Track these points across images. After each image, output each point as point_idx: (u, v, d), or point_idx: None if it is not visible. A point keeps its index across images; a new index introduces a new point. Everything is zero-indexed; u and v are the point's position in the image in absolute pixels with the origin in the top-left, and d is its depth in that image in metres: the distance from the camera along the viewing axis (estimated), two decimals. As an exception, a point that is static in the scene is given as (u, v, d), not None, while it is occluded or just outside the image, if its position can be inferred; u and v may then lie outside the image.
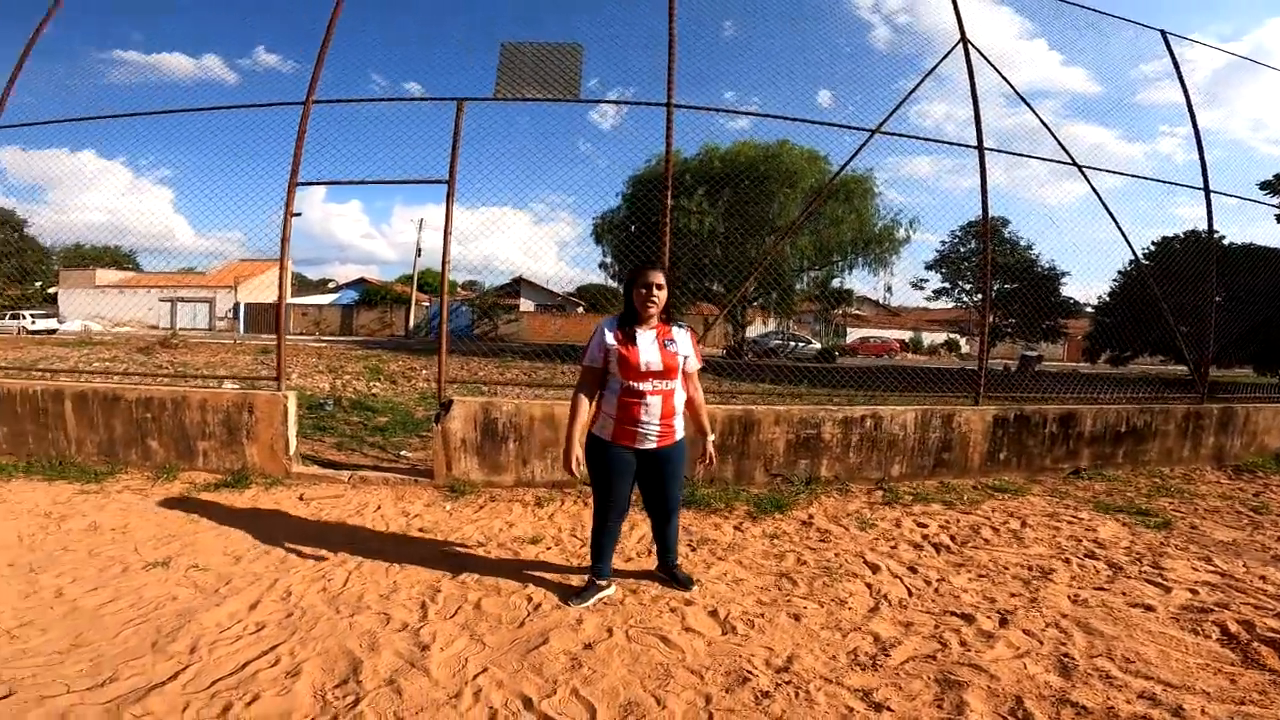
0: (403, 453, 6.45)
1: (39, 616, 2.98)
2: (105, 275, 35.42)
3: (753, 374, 9.33)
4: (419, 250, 39.66)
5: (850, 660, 2.77)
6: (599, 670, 2.60)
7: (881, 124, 6.09)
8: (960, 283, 27.42)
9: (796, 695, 2.47)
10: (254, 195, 6.37)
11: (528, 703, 2.37)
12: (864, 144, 6.07)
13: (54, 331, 26.94)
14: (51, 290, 34.48)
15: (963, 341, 37.61)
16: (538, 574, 3.59)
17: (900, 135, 6.33)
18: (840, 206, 19.94)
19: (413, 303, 38.74)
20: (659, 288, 3.03)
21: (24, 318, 28.21)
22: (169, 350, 17.00)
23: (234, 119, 6.01)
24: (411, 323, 37.57)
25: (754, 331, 26.18)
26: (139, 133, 6.35)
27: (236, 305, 35.48)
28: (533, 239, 6.13)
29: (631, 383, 3.02)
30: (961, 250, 25.90)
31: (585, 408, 3.09)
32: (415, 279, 39.82)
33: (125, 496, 4.83)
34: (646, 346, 3.05)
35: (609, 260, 21.92)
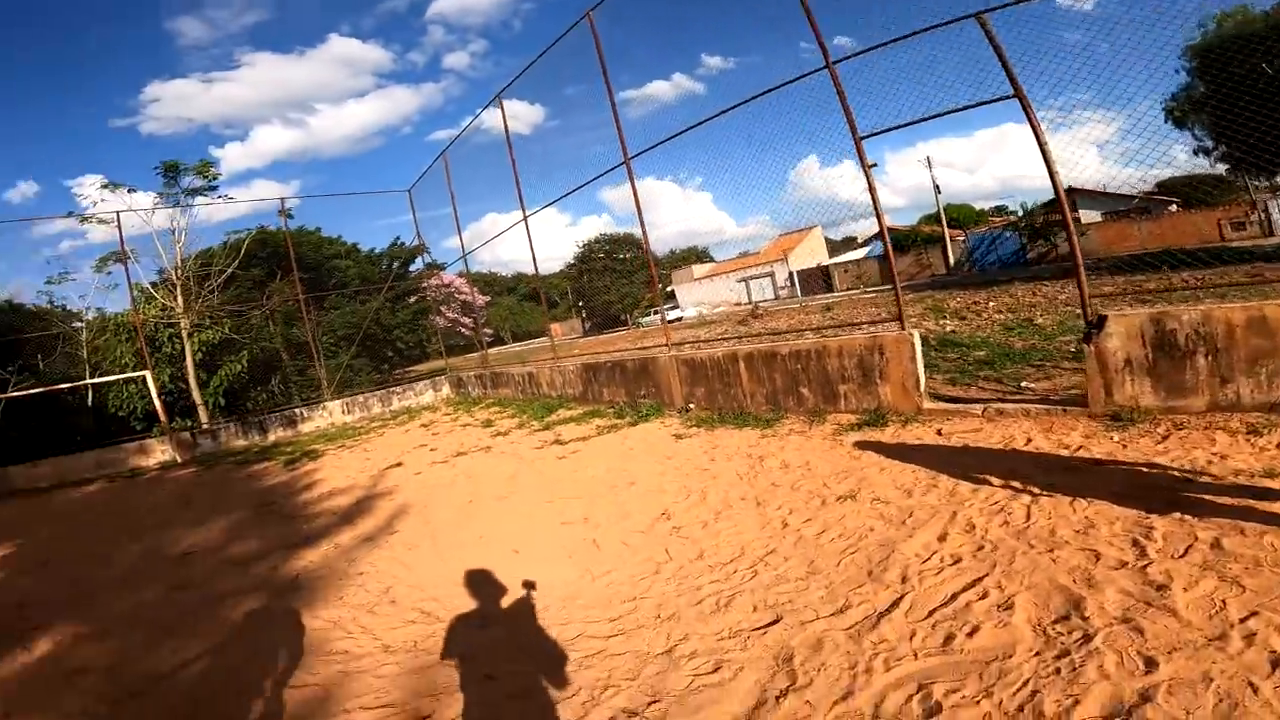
0: (1023, 384, 6.03)
1: (778, 545, 3.74)
2: (698, 270, 46.02)
3: None
4: (937, 188, 37.70)
5: None
6: None
7: None
8: None
9: None
10: (766, 181, 7.22)
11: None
12: None
13: (681, 319, 36.15)
14: (670, 289, 46.81)
15: None
16: (1294, 513, 2.77)
17: None
18: None
19: (946, 239, 36.87)
20: None
21: (661, 311, 39.29)
22: (758, 319, 20.62)
23: (730, 118, 6.99)
24: (951, 259, 35.74)
25: None
26: (673, 153, 8.08)
27: (790, 274, 40.68)
28: (1059, 147, 4.96)
29: None
30: None
31: None
32: (943, 215, 37.86)
33: (793, 438, 5.91)
34: None
35: (1209, 144, 16.22)
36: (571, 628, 3.23)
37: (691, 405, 7.77)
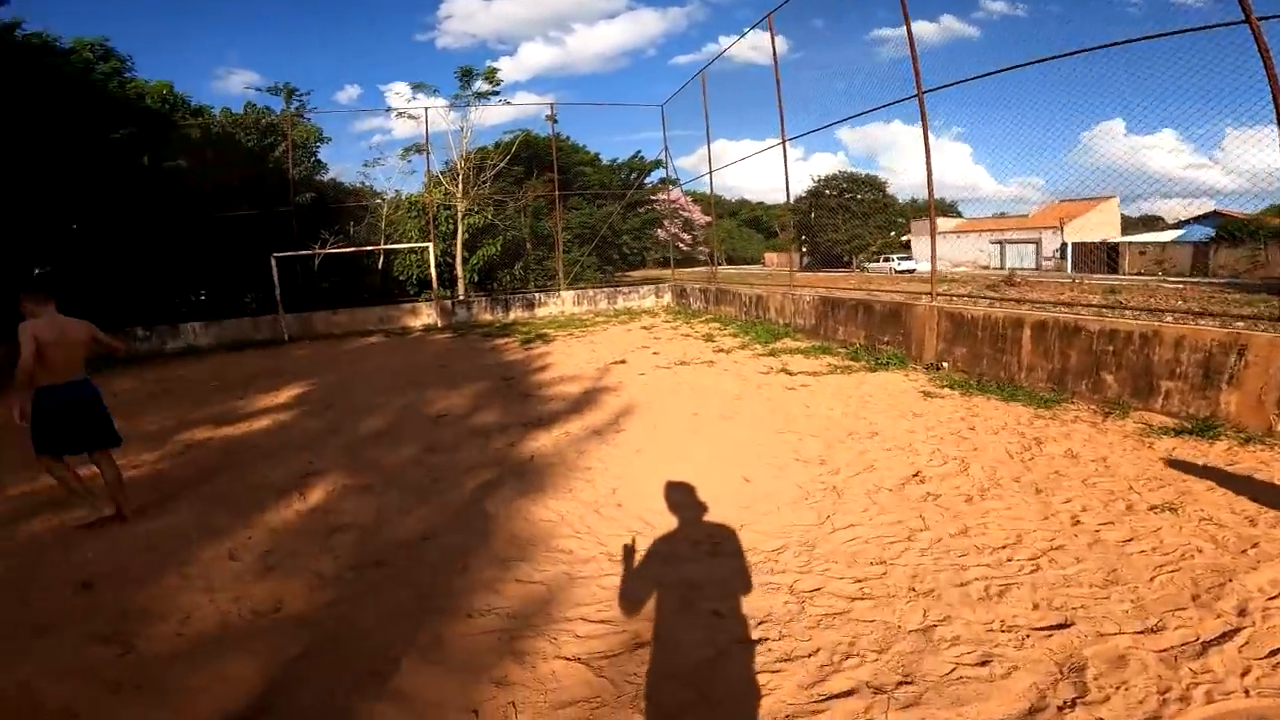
0: None
1: (1066, 543, 3.21)
2: (943, 223, 41.26)
3: None
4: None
5: None
6: None
7: None
8: None
9: None
10: (1050, 142, 6.18)
11: None
12: None
13: (913, 271, 32.88)
14: (905, 238, 42.74)
15: None
16: None
17: None
18: None
19: (1309, 237, 28.52)
20: None
21: (892, 259, 36.12)
22: (1014, 287, 18.02)
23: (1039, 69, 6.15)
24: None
25: None
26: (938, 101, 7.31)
27: (1063, 245, 34.78)
28: None
29: None
30: None
31: None
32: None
33: (1080, 427, 5.01)
34: None
35: None
36: (809, 579, 3.05)
37: (945, 364, 6.99)
